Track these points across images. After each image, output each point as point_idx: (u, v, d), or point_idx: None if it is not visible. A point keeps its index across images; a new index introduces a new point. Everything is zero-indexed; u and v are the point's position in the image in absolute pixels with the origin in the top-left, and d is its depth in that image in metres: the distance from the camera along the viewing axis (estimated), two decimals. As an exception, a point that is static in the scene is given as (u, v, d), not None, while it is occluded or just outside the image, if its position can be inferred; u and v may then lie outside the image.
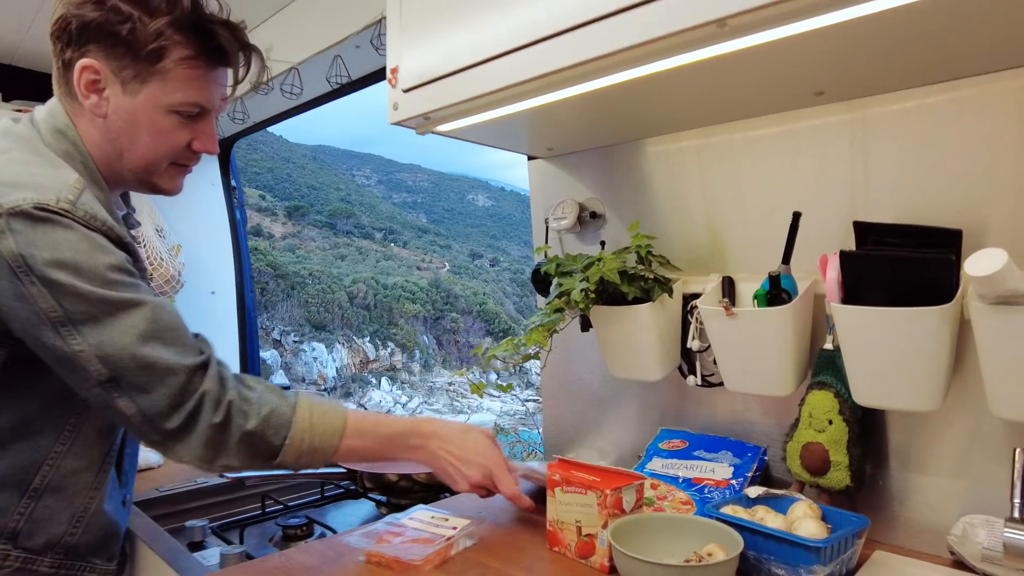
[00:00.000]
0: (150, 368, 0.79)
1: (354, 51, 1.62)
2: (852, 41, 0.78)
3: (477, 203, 48.08)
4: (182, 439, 0.82)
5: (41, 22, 2.00)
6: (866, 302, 0.86)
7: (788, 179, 1.08)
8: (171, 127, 0.90)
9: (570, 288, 1.06)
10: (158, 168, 0.93)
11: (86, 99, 0.87)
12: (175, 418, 0.80)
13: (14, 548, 0.86)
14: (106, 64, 0.86)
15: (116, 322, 0.78)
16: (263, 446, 0.85)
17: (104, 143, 0.90)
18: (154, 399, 0.79)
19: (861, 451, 0.96)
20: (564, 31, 0.84)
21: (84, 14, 0.84)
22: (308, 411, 0.89)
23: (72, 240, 0.77)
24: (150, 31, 0.84)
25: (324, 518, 1.35)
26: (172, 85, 0.88)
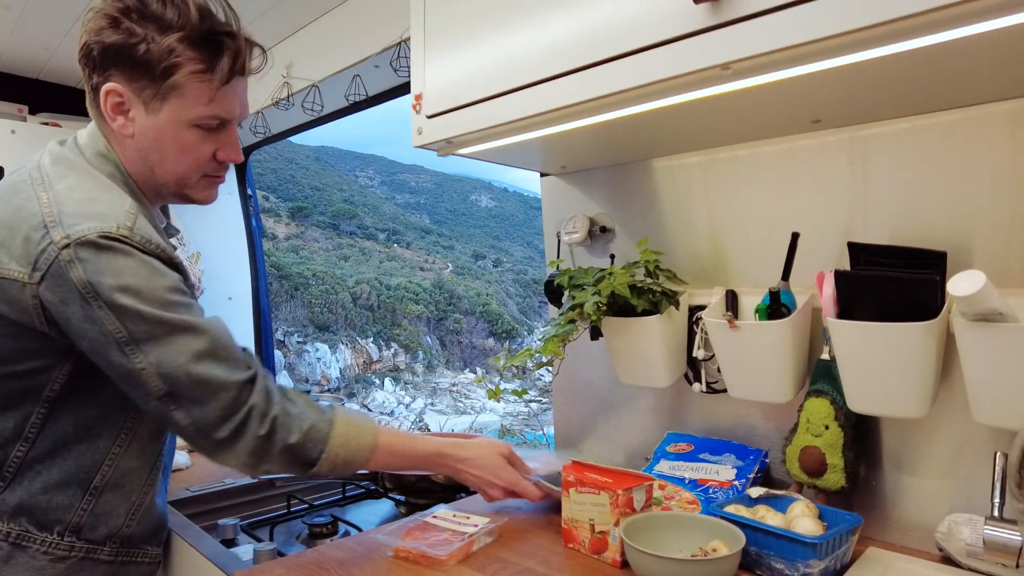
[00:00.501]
0: (204, 384, 0.85)
1: (373, 70, 1.70)
2: (848, 78, 0.84)
3: (480, 204, 48.15)
4: (230, 448, 0.89)
5: (70, 40, 2.08)
6: (859, 317, 0.93)
7: (788, 198, 1.15)
8: (194, 141, 0.94)
9: (583, 301, 1.13)
10: (189, 181, 0.98)
11: (113, 121, 0.92)
12: (224, 429, 0.87)
13: (78, 540, 0.94)
14: (127, 86, 0.90)
15: (173, 341, 0.84)
16: (302, 458, 0.93)
17: (137, 161, 0.95)
18: (206, 412, 0.86)
19: (855, 454, 1.03)
20: (581, 68, 0.91)
21: (103, 39, 0.88)
22: (344, 427, 0.96)
23: (133, 266, 0.83)
24: (162, 48, 0.87)
25: (347, 516, 1.42)
26: (189, 100, 0.91)
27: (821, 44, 0.72)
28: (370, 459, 0.99)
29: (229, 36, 0.92)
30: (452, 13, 1.12)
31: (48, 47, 2.13)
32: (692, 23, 0.79)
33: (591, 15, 0.90)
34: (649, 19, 0.83)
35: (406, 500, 1.46)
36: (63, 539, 0.93)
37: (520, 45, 1.00)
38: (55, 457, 0.93)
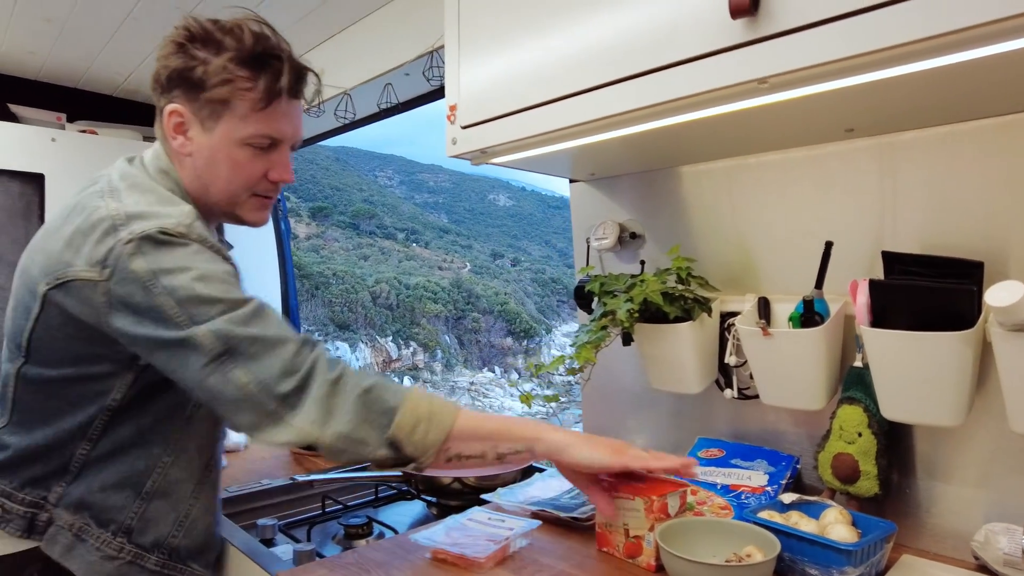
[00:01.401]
0: (260, 340, 0.85)
1: (404, 78, 1.73)
2: (883, 89, 0.85)
3: (498, 203, 48.21)
4: (296, 404, 0.84)
5: (109, 50, 2.14)
6: (893, 325, 0.94)
7: (819, 205, 1.16)
8: (246, 159, 0.97)
9: (616, 308, 1.15)
10: (239, 199, 1.01)
11: (174, 140, 0.97)
12: (289, 381, 0.84)
13: (128, 542, 0.98)
14: (187, 107, 0.95)
15: (228, 311, 0.85)
16: (378, 406, 0.86)
17: (195, 178, 0.99)
18: (268, 365, 0.84)
19: (888, 461, 1.04)
20: (616, 81, 0.93)
21: (169, 64, 0.94)
22: (420, 392, 0.91)
23: (190, 254, 0.87)
24: (215, 68, 0.93)
25: (380, 517, 1.45)
26: (239, 118, 0.95)
27: (858, 60, 0.73)
28: (457, 418, 0.89)
29: (277, 58, 0.96)
30: (487, 24, 1.14)
31: (87, 57, 2.19)
32: (729, 38, 0.80)
33: (627, 28, 0.92)
34: (686, 33, 0.85)
35: (438, 501, 1.49)
36: (115, 538, 0.97)
37: (555, 57, 1.02)
38: (113, 459, 0.97)
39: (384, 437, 0.86)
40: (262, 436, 0.85)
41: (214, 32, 0.94)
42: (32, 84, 2.41)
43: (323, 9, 1.79)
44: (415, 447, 0.87)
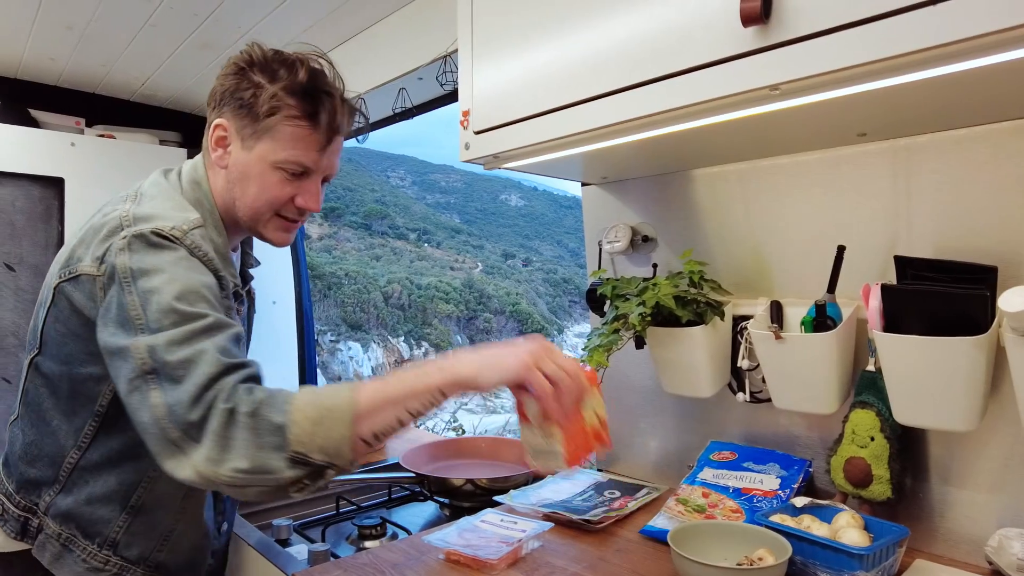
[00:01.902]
0: (188, 362, 0.81)
1: (417, 82, 1.74)
2: (897, 94, 0.85)
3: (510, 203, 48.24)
4: (197, 437, 0.78)
5: (128, 55, 2.17)
6: (906, 330, 0.94)
7: (831, 209, 1.16)
8: (276, 181, 1.01)
9: (628, 311, 1.16)
10: (262, 218, 1.03)
11: (214, 152, 1.02)
12: (196, 410, 0.79)
13: (113, 555, 0.99)
14: (232, 123, 1.00)
15: (178, 328, 0.83)
16: (266, 426, 0.78)
17: (225, 191, 1.03)
18: (183, 390, 0.80)
19: (901, 466, 1.04)
20: (629, 87, 0.94)
21: (225, 83, 1.01)
22: (312, 390, 0.84)
23: (175, 257, 0.89)
24: (268, 93, 0.98)
25: (393, 518, 1.46)
26: (279, 143, 0.99)
27: (870, 67, 0.73)
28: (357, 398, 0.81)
29: (328, 95, 1.00)
30: (500, 30, 1.15)
31: (106, 63, 2.22)
32: (741, 45, 0.81)
33: (639, 34, 0.92)
34: (698, 40, 0.85)
35: (450, 503, 1.50)
36: (101, 551, 0.99)
37: (568, 63, 1.03)
38: (101, 470, 0.98)
39: (285, 457, 0.78)
40: (166, 468, 0.80)
41: (272, 61, 1.00)
42: (52, 90, 2.45)
43: (337, 14, 1.81)
44: (324, 452, 0.79)
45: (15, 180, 2.27)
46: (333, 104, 1.01)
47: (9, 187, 2.27)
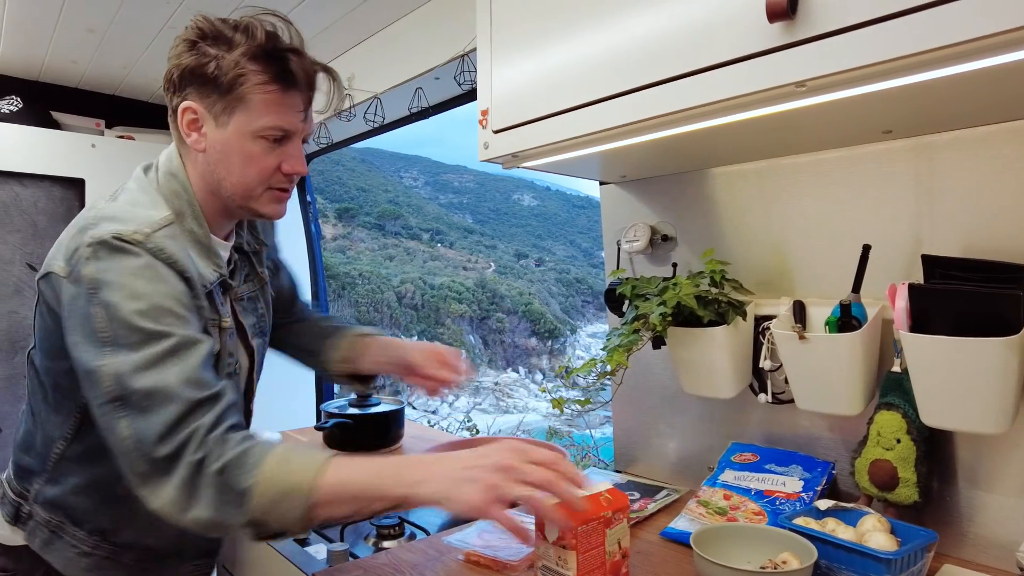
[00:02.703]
0: (154, 393, 0.82)
1: (434, 82, 1.74)
2: (925, 91, 0.83)
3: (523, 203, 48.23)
4: (165, 474, 0.81)
5: (147, 58, 2.19)
6: (934, 330, 0.92)
7: (854, 207, 1.14)
8: (259, 152, 0.97)
9: (648, 311, 1.15)
10: (254, 193, 1.00)
11: (188, 137, 0.97)
12: (164, 446, 0.80)
13: (103, 541, 1.00)
14: (201, 103, 0.95)
15: (141, 350, 0.83)
16: (233, 487, 0.80)
17: (207, 175, 0.99)
18: (151, 423, 0.81)
19: (928, 469, 1.02)
20: (651, 85, 0.93)
21: (181, 62, 0.95)
22: (286, 449, 0.84)
23: (137, 266, 0.87)
24: (229, 63, 0.93)
25: (412, 518, 1.46)
26: (254, 112, 0.95)
27: (899, 63, 0.72)
28: (317, 482, 0.80)
29: (292, 52, 0.96)
30: (519, 28, 1.14)
31: (127, 65, 2.24)
32: (766, 41, 0.80)
33: (662, 31, 0.91)
34: (722, 36, 0.84)
35: (468, 503, 1.50)
36: (90, 536, 1.00)
37: (588, 61, 1.02)
38: (85, 462, 0.99)
39: (245, 519, 0.81)
40: (137, 493, 0.83)
41: (224, 30, 0.94)
42: (74, 92, 2.48)
43: (354, 14, 1.81)
44: (279, 524, 0.81)
45: (37, 181, 2.31)
46: (300, 61, 0.96)
47: (32, 188, 2.30)
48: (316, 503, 0.80)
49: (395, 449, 1.89)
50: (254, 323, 1.12)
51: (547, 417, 15.41)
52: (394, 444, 1.90)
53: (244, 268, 1.12)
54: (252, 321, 1.12)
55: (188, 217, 0.98)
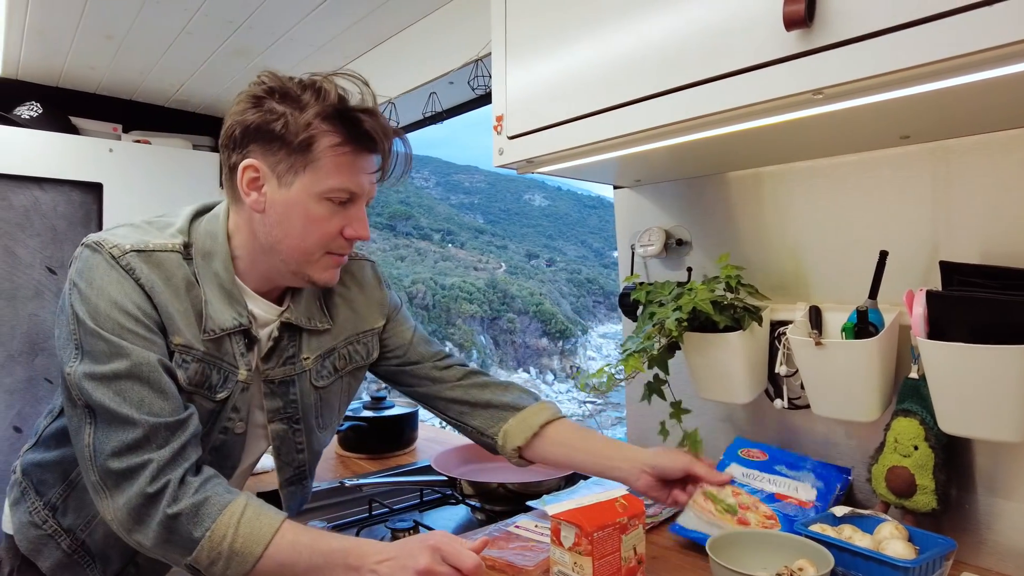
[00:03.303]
0: (109, 412, 0.84)
1: (448, 86, 1.75)
2: (944, 97, 0.83)
3: (533, 203, 48.22)
4: (114, 491, 0.84)
5: (163, 63, 2.21)
6: (952, 337, 0.92)
7: (871, 212, 1.14)
8: (323, 215, 0.93)
9: (664, 317, 1.15)
10: (312, 257, 0.95)
11: (247, 196, 0.93)
12: (116, 462, 0.83)
13: (51, 518, 1.02)
14: (264, 161, 0.91)
15: (107, 362, 0.85)
16: (182, 534, 0.82)
17: (260, 236, 0.95)
18: (108, 436, 0.84)
19: (947, 476, 1.01)
20: (667, 92, 0.93)
21: (245, 118, 0.91)
22: (241, 508, 0.84)
23: (111, 276, 0.88)
24: (300, 123, 0.89)
25: (426, 521, 1.47)
26: (323, 173, 0.91)
27: (918, 70, 0.71)
28: (264, 554, 0.83)
29: (367, 113, 0.92)
30: (534, 34, 1.15)
31: (143, 71, 2.27)
32: (783, 48, 0.80)
33: (679, 38, 0.92)
34: (739, 44, 0.84)
35: (482, 506, 1.50)
36: (44, 509, 1.02)
37: (604, 68, 1.02)
38: (56, 440, 1.02)
39: (185, 562, 0.84)
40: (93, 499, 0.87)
41: (293, 88, 0.91)
42: (92, 97, 2.51)
43: (368, 19, 1.82)
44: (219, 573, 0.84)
45: (57, 186, 2.34)
46: (371, 120, 0.92)
47: (51, 192, 2.34)
48: (257, 571, 0.83)
49: (409, 451, 1.90)
50: (279, 407, 1.05)
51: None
52: (408, 447, 1.91)
53: (289, 349, 1.04)
54: (277, 405, 1.05)
55: (217, 260, 0.96)
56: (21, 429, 2.26)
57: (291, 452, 1.09)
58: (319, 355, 1.08)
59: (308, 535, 0.86)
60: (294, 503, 1.14)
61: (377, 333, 1.16)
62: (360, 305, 1.14)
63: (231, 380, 0.97)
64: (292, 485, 1.12)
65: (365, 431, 1.83)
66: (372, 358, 1.16)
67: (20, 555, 1.03)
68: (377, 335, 1.16)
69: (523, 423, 1.13)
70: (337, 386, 1.12)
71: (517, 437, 1.13)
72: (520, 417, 1.14)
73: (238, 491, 0.88)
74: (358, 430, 1.82)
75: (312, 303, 1.07)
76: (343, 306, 1.12)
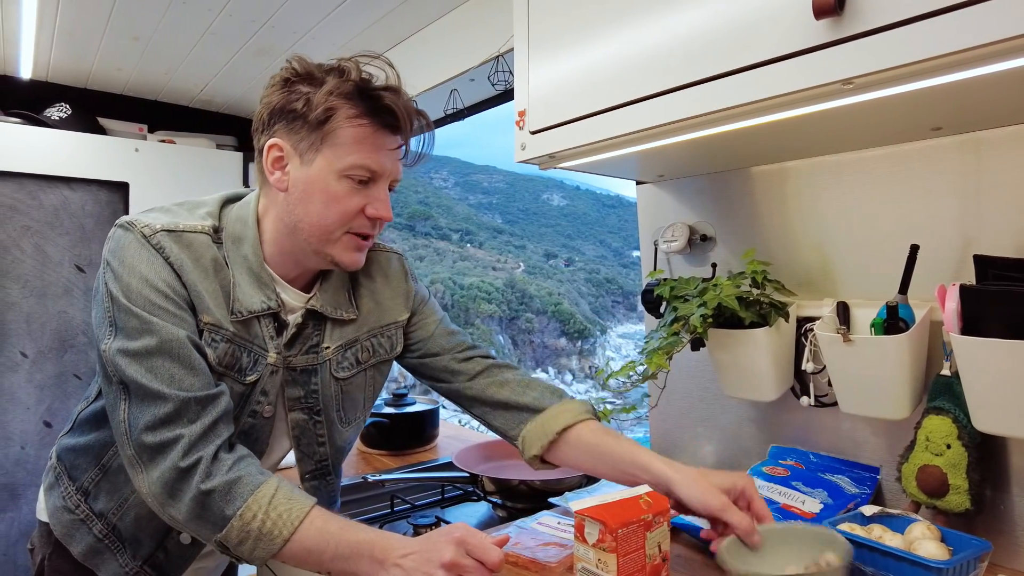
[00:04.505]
0: (142, 387, 0.86)
1: (469, 83, 1.75)
2: (978, 86, 0.81)
3: (552, 203, 48.16)
4: (148, 465, 0.86)
5: (189, 63, 2.24)
6: (987, 333, 0.89)
7: (900, 206, 1.11)
8: (344, 192, 0.93)
9: (688, 313, 1.13)
10: (332, 236, 0.96)
11: (271, 175, 0.95)
12: (150, 436, 0.85)
13: (84, 502, 1.03)
14: (287, 140, 0.93)
15: (139, 338, 0.88)
16: (214, 511, 0.84)
17: (284, 216, 0.96)
18: (142, 411, 0.86)
19: (981, 475, 0.99)
20: (692, 84, 0.92)
21: (272, 100, 0.94)
22: (273, 490, 0.86)
23: (141, 254, 0.91)
24: (318, 99, 0.91)
25: (447, 517, 1.47)
26: (343, 149, 0.92)
27: (951, 58, 0.70)
28: (292, 537, 0.84)
29: (388, 90, 0.94)
30: (557, 28, 1.14)
31: (169, 71, 2.30)
32: (812, 38, 0.78)
33: (704, 29, 0.91)
34: (766, 34, 0.83)
35: (503, 503, 1.50)
36: (76, 494, 1.04)
37: (627, 60, 1.01)
38: (92, 424, 1.04)
39: (215, 538, 0.85)
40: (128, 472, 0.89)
41: (316, 71, 0.94)
42: (118, 98, 2.56)
43: (389, 18, 1.83)
44: (244, 555, 0.86)
45: (85, 185, 2.38)
46: (395, 98, 0.93)
47: (80, 192, 2.38)
48: (285, 553, 0.85)
49: (431, 448, 1.90)
50: (300, 396, 1.05)
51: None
52: (429, 443, 1.92)
53: (313, 337, 1.05)
54: (298, 394, 1.05)
55: (246, 244, 0.98)
56: (51, 424, 2.30)
57: (312, 444, 1.09)
58: (340, 345, 1.07)
59: (336, 523, 0.87)
60: (319, 501, 1.15)
61: (401, 326, 1.15)
62: (385, 297, 1.13)
63: (261, 363, 0.98)
64: (315, 480, 1.12)
65: (387, 427, 1.84)
66: (396, 351, 1.15)
67: (53, 541, 1.05)
68: (401, 328, 1.15)
69: (541, 429, 1.07)
70: (360, 379, 1.12)
71: (534, 445, 1.08)
72: (539, 422, 1.08)
73: (270, 473, 0.89)
74: (380, 426, 1.83)
75: (340, 292, 1.07)
76: (368, 298, 1.12)
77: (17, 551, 2.23)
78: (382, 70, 0.96)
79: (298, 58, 0.95)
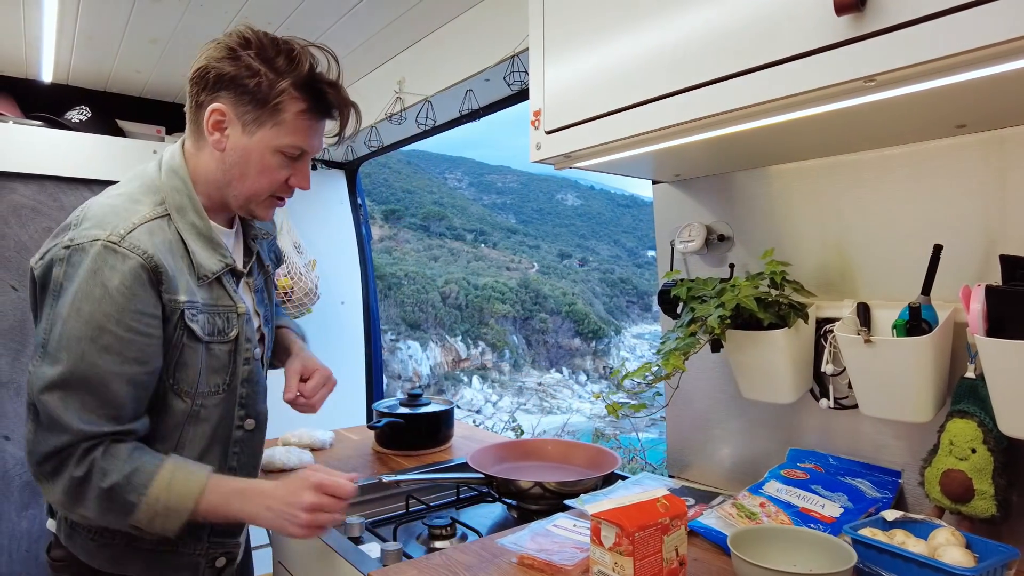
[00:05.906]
0: (53, 420, 0.92)
1: (484, 83, 1.74)
2: (1004, 83, 0.79)
3: (566, 203, 48.06)
4: (46, 482, 0.95)
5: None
6: (1013, 335, 0.87)
7: (921, 205, 1.09)
8: (276, 165, 1.06)
9: (705, 314, 1.12)
10: (257, 198, 1.09)
11: (211, 135, 1.03)
12: (47, 464, 0.93)
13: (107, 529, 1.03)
14: (232, 108, 1.01)
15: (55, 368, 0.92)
16: (119, 503, 0.94)
17: (217, 172, 1.06)
18: (45, 441, 0.93)
19: (1007, 480, 0.97)
20: (710, 82, 0.90)
21: (222, 67, 1.00)
22: (170, 471, 0.97)
23: (102, 273, 0.93)
24: (275, 89, 1.00)
25: (462, 518, 1.47)
26: (284, 131, 1.03)
27: (976, 54, 0.68)
28: (199, 502, 0.97)
29: (332, 87, 1.06)
30: (572, 27, 1.13)
31: (186, 73, 2.31)
32: (833, 35, 0.77)
33: (723, 27, 0.89)
34: (785, 31, 0.82)
35: (518, 505, 1.49)
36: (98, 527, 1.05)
37: (644, 58, 1.00)
38: None
39: (128, 523, 0.96)
40: None
41: (269, 48, 1.01)
42: (137, 101, 2.58)
43: (405, 18, 1.83)
44: (158, 532, 0.98)
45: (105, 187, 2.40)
46: (336, 94, 1.06)
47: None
48: (192, 520, 0.98)
49: (445, 448, 1.90)
50: (265, 313, 1.21)
51: (591, 418, 15.31)
52: (444, 444, 1.91)
53: (255, 259, 1.20)
54: (263, 312, 1.20)
55: (190, 211, 1.05)
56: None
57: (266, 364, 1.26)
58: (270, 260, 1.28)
59: (228, 484, 1.02)
60: None
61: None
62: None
63: (233, 317, 1.08)
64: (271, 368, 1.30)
65: (401, 427, 1.84)
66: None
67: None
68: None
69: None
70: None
71: None
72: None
73: (161, 455, 0.99)
74: (395, 427, 1.83)
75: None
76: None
77: (39, 547, 2.26)
78: (325, 59, 1.07)
79: (249, 27, 1.02)
